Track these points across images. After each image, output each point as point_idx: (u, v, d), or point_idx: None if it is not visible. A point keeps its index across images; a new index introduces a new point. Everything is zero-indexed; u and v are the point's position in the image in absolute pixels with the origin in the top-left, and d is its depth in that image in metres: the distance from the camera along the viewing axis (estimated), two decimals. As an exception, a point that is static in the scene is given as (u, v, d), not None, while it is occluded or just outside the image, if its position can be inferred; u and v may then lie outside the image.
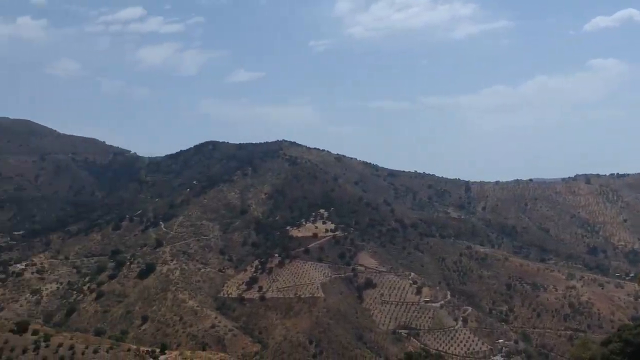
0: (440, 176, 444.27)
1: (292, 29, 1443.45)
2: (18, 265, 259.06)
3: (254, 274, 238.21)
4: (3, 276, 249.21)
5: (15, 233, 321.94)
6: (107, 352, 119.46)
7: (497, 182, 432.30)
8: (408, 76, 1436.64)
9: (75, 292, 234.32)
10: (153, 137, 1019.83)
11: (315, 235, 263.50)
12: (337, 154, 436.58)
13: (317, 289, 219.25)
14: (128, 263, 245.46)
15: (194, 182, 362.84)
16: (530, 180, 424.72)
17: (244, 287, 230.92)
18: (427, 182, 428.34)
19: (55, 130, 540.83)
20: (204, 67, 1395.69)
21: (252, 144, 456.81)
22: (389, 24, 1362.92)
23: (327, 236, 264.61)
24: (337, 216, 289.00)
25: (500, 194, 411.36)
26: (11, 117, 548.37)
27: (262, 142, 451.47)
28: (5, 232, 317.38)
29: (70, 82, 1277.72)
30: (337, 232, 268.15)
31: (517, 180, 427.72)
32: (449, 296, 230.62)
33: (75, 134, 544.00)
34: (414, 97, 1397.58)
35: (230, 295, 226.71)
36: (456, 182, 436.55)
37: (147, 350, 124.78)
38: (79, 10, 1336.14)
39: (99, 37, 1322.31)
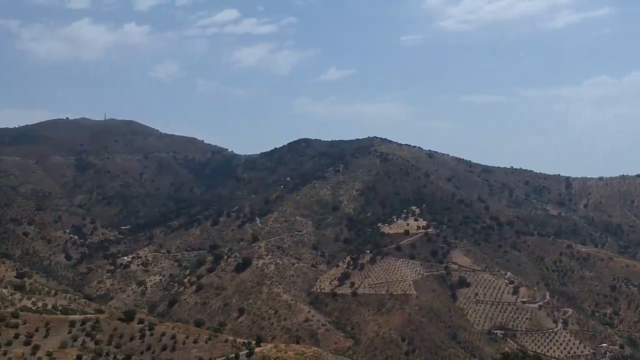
0: (538, 172, 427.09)
1: (383, 24, 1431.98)
2: (125, 257, 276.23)
3: (346, 270, 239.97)
4: (112, 268, 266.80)
5: (122, 227, 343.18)
6: (206, 342, 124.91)
7: (600, 178, 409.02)
8: (503, 68, 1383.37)
9: (176, 284, 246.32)
10: (249, 136, 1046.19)
11: (406, 232, 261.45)
12: (429, 150, 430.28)
13: (409, 286, 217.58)
14: (225, 257, 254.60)
15: (288, 179, 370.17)
16: (638, 176, 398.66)
17: (336, 282, 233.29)
18: (524, 178, 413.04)
19: (157, 130, 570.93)
20: (296, 67, 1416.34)
21: (343, 140, 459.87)
22: (481, 16, 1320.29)
23: (418, 233, 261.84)
24: (429, 213, 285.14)
25: (605, 190, 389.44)
26: (118, 118, 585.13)
27: (354, 139, 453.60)
28: (113, 227, 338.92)
29: (170, 84, 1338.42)
30: (429, 229, 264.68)
31: (623, 176, 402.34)
32: (547, 297, 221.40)
33: (175, 134, 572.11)
34: (510, 89, 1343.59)
35: (322, 290, 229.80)
36: (556, 178, 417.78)
37: (244, 342, 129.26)
38: (178, 15, 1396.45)
39: (197, 40, 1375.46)
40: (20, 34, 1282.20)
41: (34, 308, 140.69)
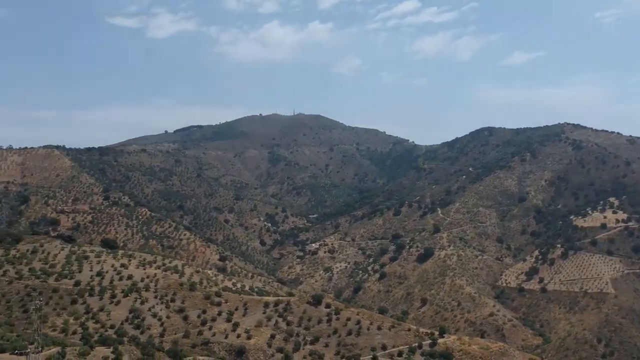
0: None
1: (574, 1, 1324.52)
2: (313, 245, 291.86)
3: (534, 265, 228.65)
4: (301, 254, 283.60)
5: (310, 216, 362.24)
6: (389, 329, 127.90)
7: None
8: None
9: (360, 271, 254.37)
10: (430, 126, 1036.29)
11: (603, 226, 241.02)
12: (630, 136, 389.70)
13: (607, 284, 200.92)
14: (407, 247, 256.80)
15: (470, 168, 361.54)
16: None
17: (523, 277, 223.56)
18: None
19: (342, 123, 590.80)
20: (478, 53, 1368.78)
21: (530, 128, 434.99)
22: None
23: (618, 227, 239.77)
24: (630, 205, 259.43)
25: None
26: (306, 113, 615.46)
27: (542, 125, 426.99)
28: (302, 215, 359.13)
29: (353, 78, 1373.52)
30: (630, 223, 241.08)
31: None
32: None
33: (358, 126, 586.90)
34: None
35: (508, 285, 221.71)
36: None
37: (426, 332, 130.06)
38: (359, 10, 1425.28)
39: (378, 33, 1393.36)
40: (218, 38, 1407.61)
41: (234, 289, 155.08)
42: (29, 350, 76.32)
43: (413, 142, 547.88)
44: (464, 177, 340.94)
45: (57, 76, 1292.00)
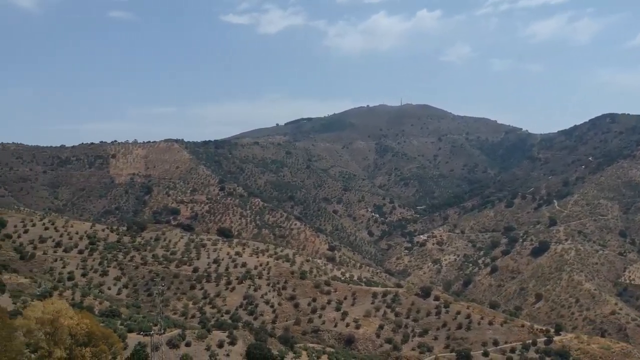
0: None
1: None
2: (421, 236, 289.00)
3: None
4: (409, 245, 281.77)
5: (418, 207, 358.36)
6: (501, 325, 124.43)
7: None
8: None
9: (470, 264, 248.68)
10: (545, 113, 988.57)
11: None
12: None
13: None
14: (521, 240, 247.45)
15: (589, 158, 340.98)
16: None
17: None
18: None
19: (450, 113, 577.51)
20: (598, 35, 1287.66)
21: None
22: None
23: None
24: None
25: None
26: (413, 103, 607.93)
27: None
28: (410, 207, 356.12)
29: (462, 66, 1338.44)
30: None
31: None
32: None
33: (468, 115, 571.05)
34: None
35: (632, 282, 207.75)
36: None
37: (541, 329, 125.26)
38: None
39: (489, 19, 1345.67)
40: (327, 32, 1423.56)
41: (342, 278, 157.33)
42: (153, 331, 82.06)
43: (527, 130, 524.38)
44: (583, 167, 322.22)
45: (176, 74, 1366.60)
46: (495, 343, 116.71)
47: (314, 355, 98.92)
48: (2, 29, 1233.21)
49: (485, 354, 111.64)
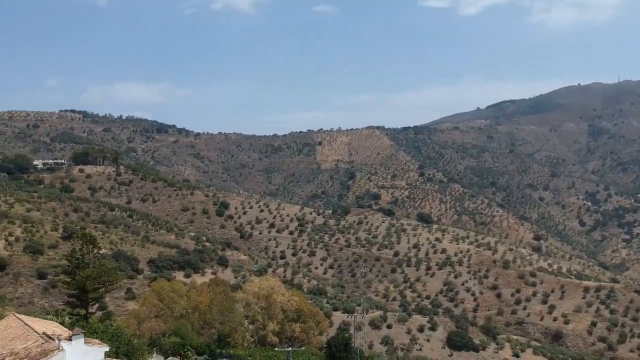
0: None
1: None
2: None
3: None
4: (628, 237, 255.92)
5: (638, 195, 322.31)
6: None
7: None
8: None
9: None
10: None
11: None
12: None
13: None
14: None
15: None
16: None
17: None
18: None
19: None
20: None
21: None
22: None
23: None
24: None
25: None
26: (633, 79, 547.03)
27: None
28: (628, 194, 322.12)
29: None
30: None
31: None
32: None
33: None
34: None
35: None
36: None
37: None
38: None
39: None
40: (532, 7, 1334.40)
41: (549, 270, 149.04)
42: (356, 313, 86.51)
43: None
44: None
45: (377, 61, 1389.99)
46: None
47: (517, 348, 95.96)
48: (222, 30, 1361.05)
49: None
